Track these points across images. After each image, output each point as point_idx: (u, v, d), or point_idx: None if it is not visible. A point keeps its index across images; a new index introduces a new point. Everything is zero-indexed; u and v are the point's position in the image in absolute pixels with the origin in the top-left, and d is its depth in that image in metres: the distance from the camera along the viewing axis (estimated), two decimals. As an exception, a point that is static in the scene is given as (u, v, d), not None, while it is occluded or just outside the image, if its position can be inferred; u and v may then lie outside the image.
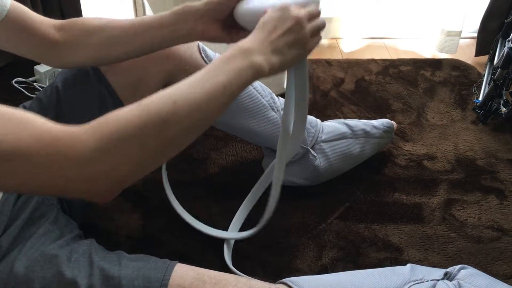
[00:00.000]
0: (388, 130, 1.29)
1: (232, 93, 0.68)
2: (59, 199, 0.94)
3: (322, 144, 1.20)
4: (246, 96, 1.11)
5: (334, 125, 1.24)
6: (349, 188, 1.26)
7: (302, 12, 0.74)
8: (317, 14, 0.77)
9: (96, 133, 0.59)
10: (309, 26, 0.76)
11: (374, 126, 1.28)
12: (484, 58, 1.71)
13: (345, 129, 1.24)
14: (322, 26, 0.78)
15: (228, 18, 0.86)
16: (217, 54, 1.08)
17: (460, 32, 1.76)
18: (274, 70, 0.73)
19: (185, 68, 1.02)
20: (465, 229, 1.18)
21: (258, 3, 0.78)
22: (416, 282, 0.87)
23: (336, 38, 1.90)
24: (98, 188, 0.59)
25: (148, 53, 0.89)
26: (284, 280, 0.85)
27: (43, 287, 0.75)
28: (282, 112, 1.13)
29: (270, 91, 1.18)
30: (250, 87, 1.10)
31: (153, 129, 0.61)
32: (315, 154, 1.19)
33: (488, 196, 1.26)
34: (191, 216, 1.10)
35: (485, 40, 1.74)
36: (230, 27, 0.87)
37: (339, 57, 1.80)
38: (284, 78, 1.53)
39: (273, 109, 1.15)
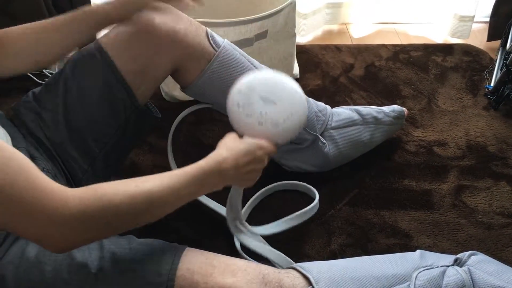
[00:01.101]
0: (398, 117, 1.28)
1: (193, 198, 0.78)
2: (69, 183, 0.94)
3: (332, 131, 1.20)
4: None
5: (344, 112, 1.23)
6: (358, 174, 1.25)
7: (268, 155, 0.85)
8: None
9: (82, 204, 0.66)
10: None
11: (385, 113, 1.26)
12: (496, 43, 1.68)
13: (355, 115, 1.23)
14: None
15: None
16: (226, 40, 1.07)
17: (473, 16, 1.74)
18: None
19: (193, 55, 1.02)
20: (476, 216, 1.17)
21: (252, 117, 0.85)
22: (426, 268, 0.87)
23: (345, 24, 1.88)
24: (62, 245, 0.67)
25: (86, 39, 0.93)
26: (294, 265, 0.85)
27: (54, 269, 0.76)
28: None
29: None
30: None
31: (127, 219, 0.70)
32: (324, 141, 1.18)
33: (499, 182, 1.25)
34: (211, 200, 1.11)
35: (498, 24, 1.71)
36: None
37: (348, 42, 1.79)
38: (293, 64, 1.52)
39: None
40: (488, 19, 1.76)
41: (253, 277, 0.79)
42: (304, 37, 1.78)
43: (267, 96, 0.84)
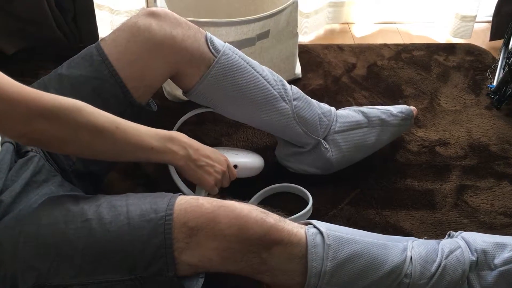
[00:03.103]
0: (406, 118, 1.26)
1: (150, 154, 0.88)
2: (64, 177, 0.95)
3: (335, 135, 1.18)
4: (255, 88, 1.08)
5: (348, 114, 1.22)
6: (360, 174, 1.25)
7: (225, 170, 0.99)
8: (233, 175, 1.03)
9: (57, 100, 0.75)
10: (223, 176, 1.00)
11: (392, 114, 1.24)
12: (499, 43, 1.68)
13: (360, 117, 1.21)
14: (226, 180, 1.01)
15: None
16: (227, 44, 1.07)
17: (475, 16, 1.73)
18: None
19: (191, 60, 1.02)
20: (478, 216, 1.17)
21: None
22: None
23: (348, 23, 1.88)
24: (36, 137, 0.76)
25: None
26: (305, 220, 0.90)
27: (49, 223, 0.77)
28: (294, 102, 1.12)
29: (282, 80, 1.15)
30: (260, 78, 1.09)
31: (85, 135, 0.79)
32: (327, 146, 1.17)
33: (501, 182, 1.25)
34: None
35: (500, 24, 1.71)
36: None
37: (351, 42, 1.78)
38: (295, 64, 1.53)
39: (284, 100, 1.12)
40: (490, 19, 1.75)
41: (254, 207, 0.83)
42: (306, 36, 1.78)
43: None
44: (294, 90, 1.15)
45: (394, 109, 1.25)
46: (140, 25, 0.96)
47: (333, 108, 1.21)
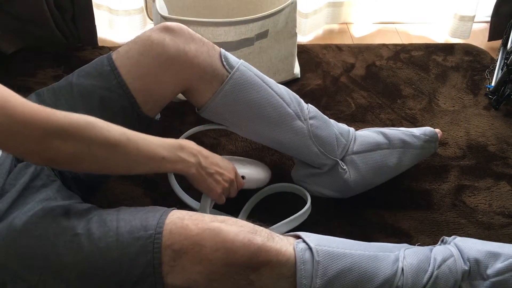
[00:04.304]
0: (430, 140, 1.19)
1: (159, 164, 0.86)
2: (63, 183, 0.95)
3: (354, 156, 1.12)
4: (270, 106, 1.05)
5: (368, 135, 1.16)
6: (358, 174, 1.25)
7: (232, 179, 0.99)
8: (240, 185, 1.03)
9: (67, 118, 0.74)
10: (231, 185, 0.99)
11: (414, 136, 1.17)
12: (497, 43, 1.68)
13: (380, 138, 1.15)
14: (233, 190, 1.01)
15: None
16: (242, 61, 1.05)
17: (474, 16, 1.74)
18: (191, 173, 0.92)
19: (204, 76, 1.00)
20: (476, 216, 1.17)
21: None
22: (414, 247, 0.94)
23: (346, 23, 1.88)
24: (47, 157, 0.74)
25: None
26: (295, 232, 0.89)
27: (40, 235, 0.77)
28: (310, 121, 1.09)
29: (298, 98, 1.12)
30: (275, 95, 1.06)
31: (98, 152, 0.78)
32: (345, 167, 1.12)
33: (499, 182, 1.25)
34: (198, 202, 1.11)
35: (499, 24, 1.71)
36: None
37: (349, 42, 1.79)
38: (294, 64, 1.53)
39: (299, 119, 1.08)
40: (489, 19, 1.76)
41: (243, 224, 0.81)
42: (305, 36, 1.78)
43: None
44: (311, 108, 1.12)
45: (417, 130, 1.19)
46: (153, 39, 0.96)
47: (352, 129, 1.16)
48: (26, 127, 0.70)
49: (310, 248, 0.83)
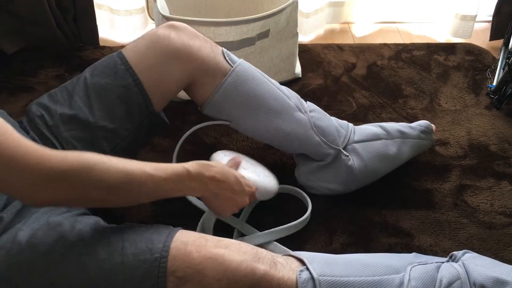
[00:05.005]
0: (426, 131, 1.23)
1: (169, 194, 0.83)
2: None
3: (355, 145, 1.15)
4: (271, 97, 1.07)
5: (366, 127, 1.20)
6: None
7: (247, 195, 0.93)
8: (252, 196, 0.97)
9: (64, 162, 0.70)
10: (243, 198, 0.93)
11: (410, 127, 1.22)
12: (499, 42, 1.68)
13: (378, 130, 1.19)
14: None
15: None
16: (242, 60, 1.07)
17: (475, 16, 1.73)
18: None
19: (208, 70, 1.03)
20: (477, 215, 1.17)
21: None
22: (420, 263, 0.91)
23: (348, 23, 1.88)
24: (41, 200, 0.71)
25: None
26: (291, 253, 0.87)
27: (46, 251, 0.77)
28: (311, 113, 1.11)
29: (298, 95, 1.14)
30: (276, 88, 1.09)
31: (102, 189, 0.74)
32: (347, 154, 1.14)
33: (500, 182, 1.25)
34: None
35: (500, 24, 1.71)
36: None
37: (350, 41, 1.79)
38: (295, 63, 1.53)
39: (300, 111, 1.11)
40: (490, 18, 1.75)
41: (246, 251, 0.81)
42: (306, 36, 1.78)
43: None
44: (310, 104, 1.15)
45: (413, 124, 1.24)
46: (159, 34, 1.01)
47: (350, 124, 1.19)
48: (18, 171, 0.67)
49: (313, 279, 0.81)
